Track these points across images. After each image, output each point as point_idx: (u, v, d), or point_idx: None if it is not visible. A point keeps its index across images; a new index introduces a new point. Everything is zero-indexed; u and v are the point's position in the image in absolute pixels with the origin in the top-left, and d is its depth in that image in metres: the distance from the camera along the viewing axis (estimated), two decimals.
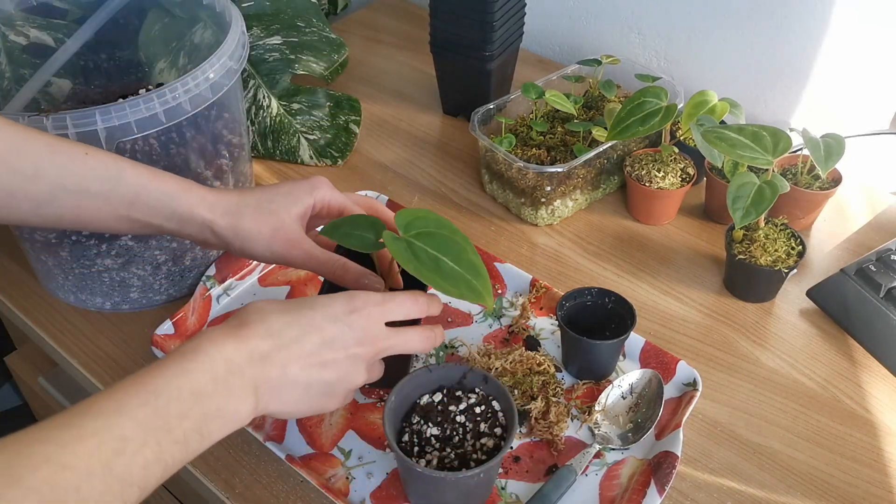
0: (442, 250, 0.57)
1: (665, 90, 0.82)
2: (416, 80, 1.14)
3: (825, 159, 0.76)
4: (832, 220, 0.90)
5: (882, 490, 0.65)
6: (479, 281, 0.57)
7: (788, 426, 0.69)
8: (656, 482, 0.61)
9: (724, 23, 1.00)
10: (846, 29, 0.91)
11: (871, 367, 0.74)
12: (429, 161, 0.99)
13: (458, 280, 0.56)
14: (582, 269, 0.84)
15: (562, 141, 0.92)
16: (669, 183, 0.86)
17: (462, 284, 0.56)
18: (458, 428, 0.61)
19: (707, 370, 0.74)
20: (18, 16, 0.80)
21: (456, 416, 0.61)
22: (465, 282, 0.56)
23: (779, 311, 0.80)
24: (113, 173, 0.57)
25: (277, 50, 0.94)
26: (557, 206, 0.88)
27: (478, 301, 0.57)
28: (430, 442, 0.60)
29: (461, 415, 0.62)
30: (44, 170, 0.55)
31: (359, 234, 0.60)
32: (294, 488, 0.64)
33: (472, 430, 0.61)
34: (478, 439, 0.60)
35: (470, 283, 0.57)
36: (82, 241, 0.71)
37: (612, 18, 1.11)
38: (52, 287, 0.79)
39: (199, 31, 0.82)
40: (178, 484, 0.90)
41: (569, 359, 0.72)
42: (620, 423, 0.68)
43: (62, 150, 0.56)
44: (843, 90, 0.96)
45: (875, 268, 0.78)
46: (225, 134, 0.76)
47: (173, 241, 0.75)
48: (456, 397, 0.63)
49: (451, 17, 0.96)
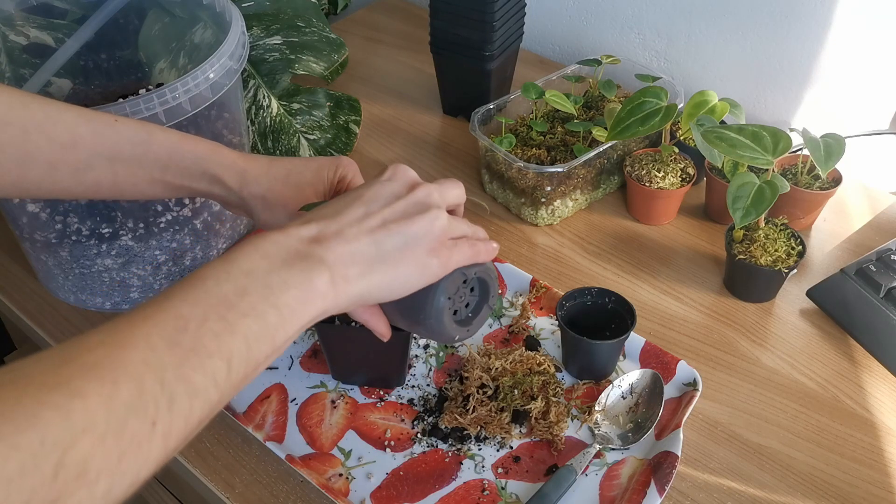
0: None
1: (665, 90, 0.82)
2: (416, 80, 1.14)
3: (825, 159, 0.76)
4: (832, 220, 0.90)
5: (882, 490, 0.65)
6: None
7: (788, 426, 0.69)
8: (656, 482, 0.61)
9: (724, 23, 1.00)
10: (846, 29, 0.91)
11: (871, 367, 0.74)
12: (429, 161, 0.99)
13: None
14: (582, 269, 0.84)
15: (562, 141, 0.92)
16: (669, 183, 0.86)
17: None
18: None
19: (707, 370, 0.74)
20: (18, 16, 0.80)
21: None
22: None
23: (779, 311, 0.80)
24: (143, 137, 0.58)
25: (277, 50, 0.94)
26: (557, 206, 0.88)
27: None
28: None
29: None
30: (80, 137, 0.55)
31: None
32: (294, 488, 0.64)
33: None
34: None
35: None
36: (82, 241, 0.71)
37: (612, 18, 1.11)
38: (52, 287, 0.79)
39: (199, 31, 0.82)
40: (178, 484, 0.90)
41: (569, 359, 0.72)
42: (620, 423, 0.68)
43: (93, 118, 0.56)
44: (842, 90, 0.96)
45: (875, 268, 0.78)
46: (225, 134, 0.76)
47: (173, 242, 0.75)
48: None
49: (451, 17, 0.96)
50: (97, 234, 0.71)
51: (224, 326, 0.40)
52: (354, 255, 0.47)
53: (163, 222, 0.73)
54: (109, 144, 0.56)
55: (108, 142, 0.56)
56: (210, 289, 0.41)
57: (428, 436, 0.68)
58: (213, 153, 0.60)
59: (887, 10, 0.87)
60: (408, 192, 0.51)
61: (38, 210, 0.70)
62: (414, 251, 0.49)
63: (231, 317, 0.40)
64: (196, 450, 0.67)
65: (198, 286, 0.41)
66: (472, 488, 0.64)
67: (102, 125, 0.56)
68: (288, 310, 0.43)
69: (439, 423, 0.68)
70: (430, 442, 0.67)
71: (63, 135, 0.55)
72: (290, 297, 0.43)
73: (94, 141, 0.56)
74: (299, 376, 0.72)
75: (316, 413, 0.69)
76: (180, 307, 0.39)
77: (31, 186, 0.56)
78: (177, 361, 0.37)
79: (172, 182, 0.59)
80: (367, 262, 0.47)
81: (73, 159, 0.56)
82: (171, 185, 0.60)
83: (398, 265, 0.48)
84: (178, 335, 0.38)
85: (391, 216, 0.49)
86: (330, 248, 0.46)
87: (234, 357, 0.40)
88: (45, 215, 0.70)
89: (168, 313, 0.39)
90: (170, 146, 0.58)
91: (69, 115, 0.55)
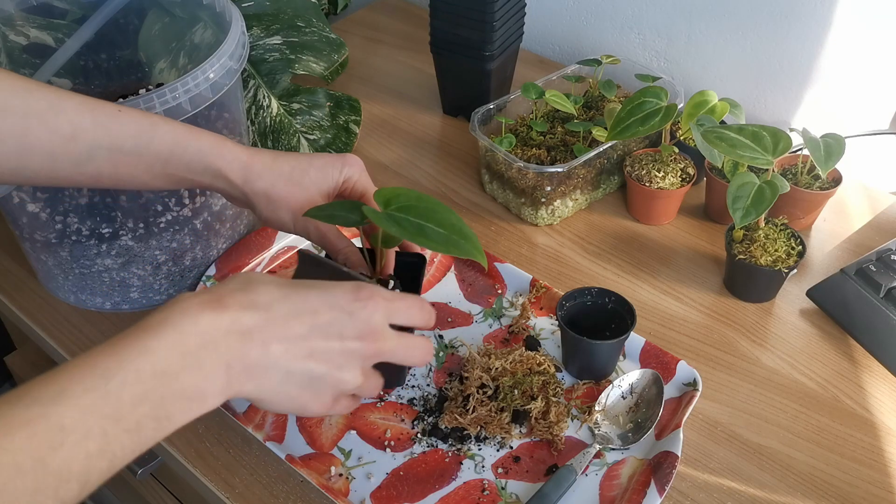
0: (424, 218, 0.55)
1: (665, 90, 0.82)
2: (416, 80, 1.14)
3: (825, 159, 0.76)
4: (832, 220, 0.90)
5: (882, 490, 0.65)
6: (466, 241, 0.54)
7: (788, 426, 0.69)
8: (656, 482, 0.61)
9: (724, 23, 1.00)
10: (846, 29, 0.91)
11: (871, 367, 0.74)
12: (429, 161, 0.99)
13: (444, 241, 0.54)
14: (582, 269, 0.84)
15: (562, 141, 0.92)
16: (669, 183, 0.86)
17: (448, 244, 0.54)
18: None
19: (707, 370, 0.74)
20: (18, 16, 0.80)
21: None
22: (453, 241, 0.54)
23: (779, 311, 0.80)
24: (146, 130, 0.57)
25: (277, 50, 0.94)
26: (557, 206, 0.88)
27: (467, 256, 0.54)
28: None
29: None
30: (81, 128, 0.55)
31: (343, 215, 0.59)
32: (294, 488, 0.64)
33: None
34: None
35: (457, 243, 0.54)
36: (82, 241, 0.71)
37: (612, 18, 1.11)
38: (52, 287, 0.79)
39: (199, 31, 0.82)
40: (177, 484, 0.90)
41: (569, 359, 0.72)
42: (620, 423, 0.68)
43: (96, 109, 0.56)
44: (842, 90, 0.96)
45: (875, 268, 0.78)
46: (225, 134, 0.76)
47: (173, 242, 0.75)
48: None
49: (451, 17, 0.96)
50: (97, 234, 0.71)
51: (100, 447, 0.38)
52: (260, 372, 0.45)
53: (163, 222, 0.73)
54: (111, 137, 0.56)
55: (109, 134, 0.56)
56: (110, 394, 0.38)
57: (428, 436, 0.68)
58: (216, 147, 0.59)
59: (887, 10, 0.87)
60: (357, 340, 0.48)
61: (38, 210, 0.70)
62: (308, 392, 0.48)
63: (113, 433, 0.38)
64: (196, 450, 0.67)
65: (98, 387, 0.38)
66: (472, 488, 0.64)
67: (105, 116, 0.56)
68: (169, 424, 0.42)
69: (439, 423, 0.68)
70: (430, 442, 0.67)
71: (64, 125, 0.54)
72: (177, 409, 0.42)
73: (95, 133, 0.55)
74: None
75: None
76: (66, 416, 0.37)
77: (30, 174, 0.55)
78: (35, 487, 0.35)
79: (175, 175, 0.59)
80: (267, 383, 0.46)
81: (73, 150, 0.55)
82: (174, 177, 0.59)
83: (289, 395, 0.47)
84: (49, 454, 0.36)
85: (319, 354, 0.47)
86: (245, 355, 0.44)
87: (93, 479, 0.38)
88: (45, 215, 0.70)
89: (49, 422, 0.36)
90: (173, 140, 0.58)
91: (71, 105, 0.55)
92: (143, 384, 0.40)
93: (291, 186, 0.60)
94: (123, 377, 0.39)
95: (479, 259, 0.54)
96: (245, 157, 0.60)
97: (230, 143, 0.60)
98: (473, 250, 0.54)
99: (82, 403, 0.38)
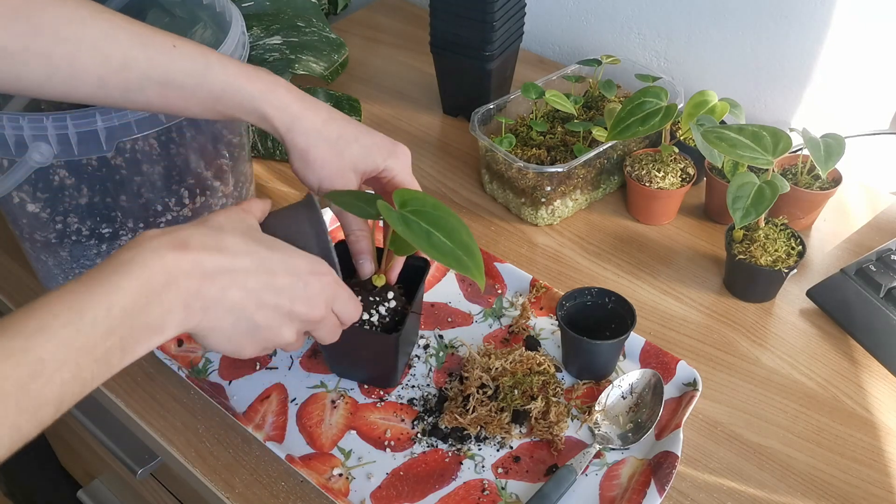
0: (434, 226, 0.57)
1: (665, 90, 0.82)
2: (416, 80, 1.14)
3: (825, 159, 0.76)
4: (832, 220, 0.90)
5: (882, 490, 0.65)
6: (470, 258, 0.57)
7: (788, 426, 0.69)
8: (656, 482, 0.61)
9: (724, 23, 1.00)
10: (846, 29, 0.91)
11: (871, 367, 0.74)
12: (429, 161, 0.99)
13: (447, 253, 0.56)
14: (582, 269, 0.84)
15: (562, 141, 0.92)
16: (669, 183, 0.86)
17: (451, 257, 0.56)
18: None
19: (707, 370, 0.74)
20: None
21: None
22: (456, 256, 0.56)
23: (779, 311, 0.80)
24: (200, 68, 0.57)
25: (277, 50, 0.94)
26: (557, 206, 0.88)
27: (466, 273, 0.56)
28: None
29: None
30: (133, 60, 0.55)
31: (360, 205, 0.60)
32: (294, 488, 0.64)
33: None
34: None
35: (460, 258, 0.56)
36: (82, 241, 0.71)
37: (612, 18, 1.11)
38: (52, 287, 0.79)
39: (199, 31, 0.82)
40: (178, 484, 0.90)
41: (569, 359, 0.72)
42: (620, 423, 0.68)
43: (150, 43, 0.56)
44: (843, 90, 0.96)
45: (875, 268, 0.78)
46: (225, 134, 0.76)
47: None
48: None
49: (451, 17, 0.96)
50: (97, 235, 0.71)
51: (73, 375, 0.41)
52: (214, 312, 0.48)
53: (163, 222, 0.73)
54: (162, 71, 0.56)
55: (161, 69, 0.56)
56: (84, 329, 0.42)
57: (428, 436, 0.68)
58: (267, 93, 0.59)
59: (887, 10, 0.87)
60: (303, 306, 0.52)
61: (38, 210, 0.70)
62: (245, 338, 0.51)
63: (84, 363, 0.42)
64: (196, 450, 0.67)
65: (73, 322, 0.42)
66: (472, 488, 0.64)
67: (158, 52, 0.56)
68: (131, 354, 0.45)
69: (439, 423, 0.68)
70: (430, 442, 0.67)
71: (116, 56, 0.54)
72: (141, 340, 0.45)
73: (147, 65, 0.55)
74: (299, 376, 0.72)
75: (316, 413, 0.69)
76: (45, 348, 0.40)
77: (81, 97, 0.56)
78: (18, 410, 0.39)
79: (224, 112, 0.59)
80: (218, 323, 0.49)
81: (123, 80, 0.55)
82: (223, 114, 0.59)
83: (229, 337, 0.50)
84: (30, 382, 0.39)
85: (268, 309, 0.51)
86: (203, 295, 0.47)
87: (66, 402, 0.42)
88: (45, 215, 0.70)
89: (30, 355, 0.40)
90: (224, 81, 0.58)
91: (125, 36, 0.55)
92: (113, 320, 0.43)
93: (330, 153, 0.61)
94: (95, 314, 0.42)
95: (477, 280, 0.56)
96: (296, 109, 0.60)
97: (283, 89, 0.60)
98: (474, 270, 0.56)
99: (59, 337, 0.41)
